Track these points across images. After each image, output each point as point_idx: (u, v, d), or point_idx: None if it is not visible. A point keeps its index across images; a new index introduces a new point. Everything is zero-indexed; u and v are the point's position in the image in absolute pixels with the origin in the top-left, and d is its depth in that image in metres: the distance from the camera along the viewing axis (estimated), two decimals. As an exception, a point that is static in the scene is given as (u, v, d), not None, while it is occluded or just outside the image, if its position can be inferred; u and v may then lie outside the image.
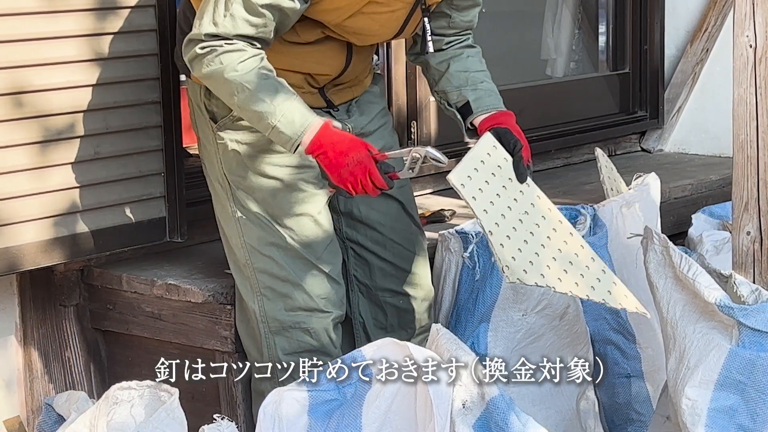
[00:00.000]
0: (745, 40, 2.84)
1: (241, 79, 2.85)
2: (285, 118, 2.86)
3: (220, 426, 2.69)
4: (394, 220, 3.31)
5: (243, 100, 2.86)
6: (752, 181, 2.87)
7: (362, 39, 3.07)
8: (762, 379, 2.70)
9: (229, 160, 3.09)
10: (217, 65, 2.85)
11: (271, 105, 2.86)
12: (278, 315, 3.11)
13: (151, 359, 3.49)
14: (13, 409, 3.46)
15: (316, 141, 2.88)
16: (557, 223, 3.01)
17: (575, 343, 3.46)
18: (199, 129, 3.15)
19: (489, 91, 3.17)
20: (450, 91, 3.18)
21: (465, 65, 3.18)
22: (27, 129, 3.12)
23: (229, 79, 2.85)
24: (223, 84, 2.87)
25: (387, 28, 3.04)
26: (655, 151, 5.22)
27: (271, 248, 3.09)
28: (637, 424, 3.59)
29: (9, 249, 3.12)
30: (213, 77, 2.87)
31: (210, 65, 2.86)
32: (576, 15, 5.28)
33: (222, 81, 2.86)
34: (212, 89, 2.96)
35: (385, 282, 3.31)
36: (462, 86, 3.16)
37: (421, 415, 2.64)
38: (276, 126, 2.86)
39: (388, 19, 3.01)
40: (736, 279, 2.82)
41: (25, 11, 3.10)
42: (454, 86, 3.17)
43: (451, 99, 3.17)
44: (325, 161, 2.90)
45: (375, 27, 3.02)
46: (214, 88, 2.94)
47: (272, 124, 2.86)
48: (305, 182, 3.11)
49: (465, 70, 3.18)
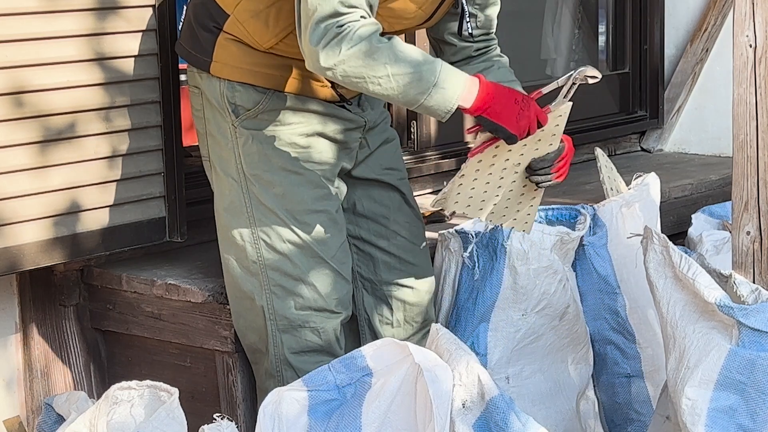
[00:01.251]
0: (745, 40, 2.84)
1: (388, 47, 2.79)
2: (443, 74, 2.81)
3: (220, 426, 2.69)
4: (396, 212, 3.32)
5: (396, 67, 2.79)
6: (752, 180, 2.87)
7: (394, 24, 3.06)
8: (762, 378, 2.70)
9: (250, 155, 3.08)
10: (361, 39, 2.77)
11: (424, 64, 2.81)
12: (288, 313, 3.11)
13: (151, 359, 3.51)
14: (13, 408, 3.46)
15: (482, 95, 2.84)
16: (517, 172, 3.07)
17: (575, 343, 3.47)
18: (211, 124, 3.12)
19: None
20: None
21: (497, 77, 3.18)
22: (27, 129, 3.12)
23: (378, 48, 2.78)
24: (371, 57, 2.78)
25: (422, 10, 3.05)
26: (655, 150, 5.23)
27: (285, 245, 3.08)
28: (637, 424, 3.59)
29: (9, 249, 3.12)
30: (359, 54, 2.77)
31: (353, 42, 2.77)
32: (576, 15, 5.28)
33: (370, 54, 2.78)
34: (353, 71, 2.80)
35: (389, 275, 3.32)
36: None
37: (421, 415, 2.65)
38: (436, 83, 2.80)
39: (425, 1, 3.03)
40: (736, 279, 2.82)
41: (25, 11, 3.10)
42: None
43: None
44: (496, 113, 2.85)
45: (412, 8, 3.02)
46: (357, 68, 2.79)
47: (432, 82, 2.80)
48: (326, 179, 3.12)
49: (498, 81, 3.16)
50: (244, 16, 3.01)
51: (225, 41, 3.05)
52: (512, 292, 3.35)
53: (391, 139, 3.33)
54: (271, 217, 3.08)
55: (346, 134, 3.16)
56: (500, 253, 3.36)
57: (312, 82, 3.06)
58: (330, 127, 3.12)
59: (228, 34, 3.04)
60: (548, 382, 3.43)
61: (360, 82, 2.81)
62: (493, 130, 2.89)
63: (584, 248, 3.55)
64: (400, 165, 3.37)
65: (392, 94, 2.82)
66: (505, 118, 2.87)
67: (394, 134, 3.37)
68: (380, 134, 3.28)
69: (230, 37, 3.04)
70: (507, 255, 3.35)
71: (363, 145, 3.25)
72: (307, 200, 3.09)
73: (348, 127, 3.16)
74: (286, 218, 3.08)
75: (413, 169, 4.30)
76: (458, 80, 2.84)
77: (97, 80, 3.24)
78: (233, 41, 3.04)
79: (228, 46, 3.05)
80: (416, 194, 4.28)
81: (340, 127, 3.14)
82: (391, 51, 2.79)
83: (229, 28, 3.04)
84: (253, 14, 3.00)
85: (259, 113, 3.05)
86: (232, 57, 3.04)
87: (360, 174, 3.26)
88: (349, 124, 3.16)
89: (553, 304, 3.38)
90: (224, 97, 3.07)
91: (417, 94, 2.82)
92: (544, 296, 3.36)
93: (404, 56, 2.81)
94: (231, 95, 3.06)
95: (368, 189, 3.29)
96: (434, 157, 4.42)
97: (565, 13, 5.26)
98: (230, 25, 3.03)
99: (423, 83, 2.81)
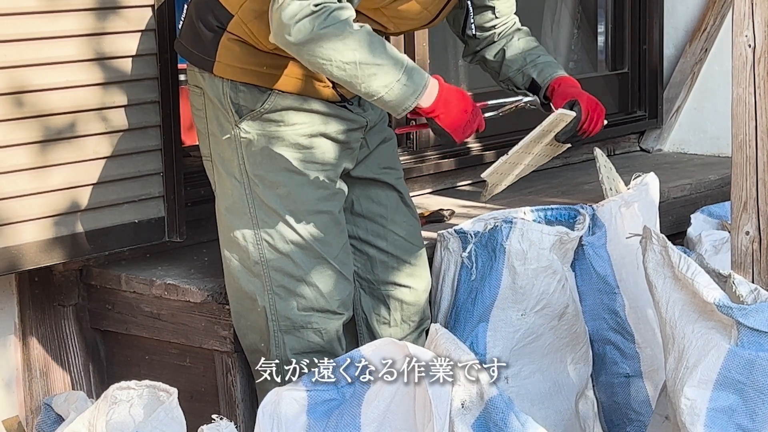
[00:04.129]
0: (744, 40, 2.84)
1: (359, 34, 2.81)
2: (407, 71, 2.86)
3: (219, 426, 2.69)
4: (394, 212, 3.32)
5: (364, 55, 2.81)
6: (751, 180, 2.87)
7: (399, 24, 3.08)
8: (761, 378, 2.70)
9: (253, 155, 3.08)
10: (334, 22, 2.79)
11: (392, 58, 2.85)
12: (290, 314, 3.11)
13: (150, 359, 3.50)
14: (12, 408, 3.46)
15: (440, 99, 2.93)
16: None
17: (574, 343, 3.47)
18: (213, 124, 3.12)
19: (547, 63, 3.30)
20: (514, 75, 3.31)
21: (519, 47, 3.30)
22: (27, 129, 3.12)
23: (351, 33, 2.80)
24: (341, 41, 2.80)
25: (428, 11, 3.08)
26: (654, 150, 5.23)
27: (288, 246, 3.09)
28: (636, 424, 3.59)
29: (9, 249, 3.12)
30: (329, 35, 2.79)
31: (326, 23, 2.78)
32: (575, 15, 5.28)
33: (341, 37, 2.80)
34: (320, 52, 2.81)
35: (386, 275, 3.32)
36: (522, 67, 3.29)
37: (420, 414, 2.65)
38: (399, 79, 2.84)
39: (432, 1, 3.05)
40: (735, 279, 2.82)
41: (25, 11, 3.10)
42: (515, 70, 3.30)
43: (518, 82, 3.28)
44: (448, 119, 2.95)
45: (418, 9, 3.04)
46: (325, 49, 2.81)
47: (396, 77, 2.84)
48: (329, 179, 3.12)
49: (520, 52, 3.30)
50: (248, 17, 3.01)
51: (228, 41, 3.05)
52: (511, 292, 3.35)
53: (389, 139, 3.34)
54: (273, 217, 3.08)
55: (348, 134, 3.16)
56: (499, 253, 3.36)
57: (314, 82, 3.06)
58: (333, 128, 3.12)
59: (231, 34, 3.04)
60: (547, 382, 3.43)
61: (325, 65, 2.82)
62: (438, 133, 2.99)
63: (583, 248, 3.55)
64: (398, 164, 3.38)
65: (354, 82, 2.85)
66: (454, 126, 2.97)
67: (392, 134, 3.37)
68: (379, 134, 3.28)
69: (234, 37, 3.04)
70: (506, 255, 3.35)
71: (362, 145, 3.25)
72: (310, 201, 3.09)
73: (350, 128, 3.16)
74: (289, 219, 3.08)
75: (413, 169, 4.30)
76: (420, 80, 2.89)
77: (97, 80, 3.24)
78: (237, 41, 3.04)
79: (231, 47, 3.05)
80: (416, 194, 4.29)
81: (343, 128, 3.14)
82: (362, 39, 2.81)
83: (232, 29, 3.04)
84: (257, 15, 3.00)
85: (262, 113, 3.06)
86: (235, 57, 3.04)
87: (358, 174, 3.27)
88: (351, 125, 3.16)
89: (552, 304, 3.38)
90: (227, 97, 3.07)
91: (379, 86, 2.85)
92: (543, 296, 3.36)
93: (374, 47, 2.83)
94: (234, 95, 3.06)
95: (366, 189, 3.29)
96: (434, 157, 4.42)
97: (564, 13, 5.26)
98: (234, 25, 3.03)
99: (388, 77, 2.84)
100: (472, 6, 3.26)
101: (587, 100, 3.22)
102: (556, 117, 3.13)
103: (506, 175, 3.25)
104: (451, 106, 2.95)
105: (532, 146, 3.18)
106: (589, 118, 3.19)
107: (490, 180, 3.21)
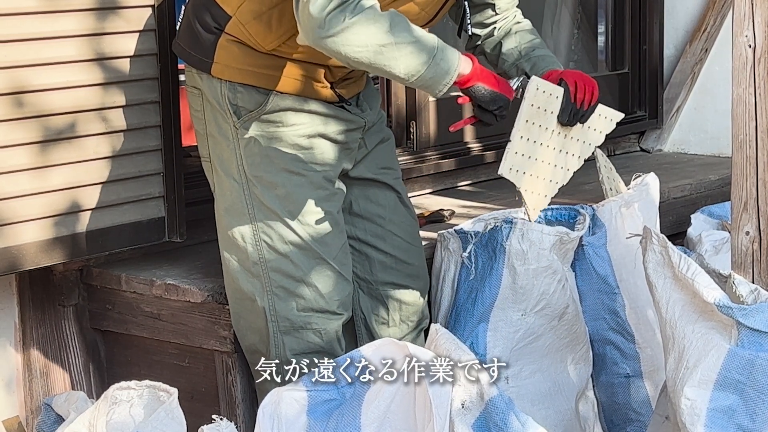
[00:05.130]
0: (744, 40, 2.84)
1: (390, 16, 2.83)
2: (440, 45, 2.89)
3: (219, 426, 2.69)
4: (392, 212, 3.32)
5: (399, 34, 2.82)
6: (751, 181, 2.87)
7: None
8: (761, 378, 2.70)
9: (252, 156, 3.08)
10: (363, 9, 2.79)
11: (423, 35, 2.87)
12: (290, 315, 3.11)
13: (150, 359, 3.51)
14: (13, 409, 3.46)
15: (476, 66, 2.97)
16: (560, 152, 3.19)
17: (574, 343, 3.47)
18: (211, 125, 3.12)
19: (542, 56, 3.28)
20: (508, 69, 3.30)
21: (515, 41, 3.30)
22: (27, 129, 3.12)
23: (382, 16, 2.82)
24: (374, 25, 2.80)
25: (426, 12, 3.08)
26: (654, 151, 5.23)
27: (287, 246, 3.09)
28: (636, 424, 3.59)
29: (9, 249, 3.12)
30: (363, 21, 2.79)
31: (356, 11, 2.79)
32: (575, 15, 5.29)
33: (374, 21, 2.80)
34: (356, 39, 2.80)
35: (385, 275, 3.32)
36: (517, 60, 3.28)
37: (420, 415, 2.65)
38: (436, 55, 2.87)
39: (429, 2, 3.06)
40: (735, 279, 2.82)
41: (25, 11, 3.10)
42: (510, 63, 3.29)
43: (512, 76, 3.26)
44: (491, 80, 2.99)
45: (415, 10, 3.04)
46: (360, 36, 2.80)
47: (433, 52, 2.87)
48: (328, 180, 3.12)
49: (516, 46, 3.29)
50: (246, 18, 3.01)
51: (226, 42, 3.05)
52: (511, 292, 3.35)
53: (387, 139, 3.34)
54: (272, 218, 3.08)
55: (347, 135, 3.16)
56: (499, 253, 3.36)
57: (313, 83, 3.06)
58: (331, 128, 3.12)
59: (229, 35, 3.04)
60: (547, 383, 3.43)
61: (361, 52, 2.81)
62: (489, 99, 3.00)
63: (583, 248, 3.55)
64: (395, 164, 3.38)
65: (393, 65, 2.84)
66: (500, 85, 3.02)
67: (390, 134, 3.38)
68: (377, 134, 3.29)
69: (232, 38, 3.04)
70: (506, 255, 3.35)
71: (361, 145, 3.25)
72: (309, 201, 3.09)
73: (349, 128, 3.16)
74: (288, 219, 3.08)
75: (413, 169, 4.30)
76: (454, 52, 2.92)
77: (97, 80, 3.24)
78: (235, 42, 3.04)
79: (229, 48, 3.04)
80: (416, 194, 4.29)
81: (342, 128, 3.14)
82: (394, 20, 2.84)
83: (230, 30, 3.03)
84: (255, 16, 3.00)
85: (261, 114, 3.05)
86: (233, 58, 3.04)
87: (357, 174, 3.27)
88: (350, 125, 3.16)
89: (552, 304, 3.38)
90: (225, 98, 3.07)
91: (420, 63, 2.86)
92: (543, 296, 3.36)
93: (405, 26, 2.85)
94: (232, 96, 3.06)
95: (365, 189, 3.29)
96: (434, 157, 4.42)
97: (564, 13, 5.26)
98: (232, 26, 3.03)
99: (425, 52, 2.86)
100: (472, 4, 3.25)
101: (571, 73, 3.19)
102: (536, 86, 3.07)
103: (535, 177, 3.15)
104: (486, 72, 3.00)
105: (537, 132, 3.10)
106: (578, 87, 3.15)
107: (511, 178, 3.11)
